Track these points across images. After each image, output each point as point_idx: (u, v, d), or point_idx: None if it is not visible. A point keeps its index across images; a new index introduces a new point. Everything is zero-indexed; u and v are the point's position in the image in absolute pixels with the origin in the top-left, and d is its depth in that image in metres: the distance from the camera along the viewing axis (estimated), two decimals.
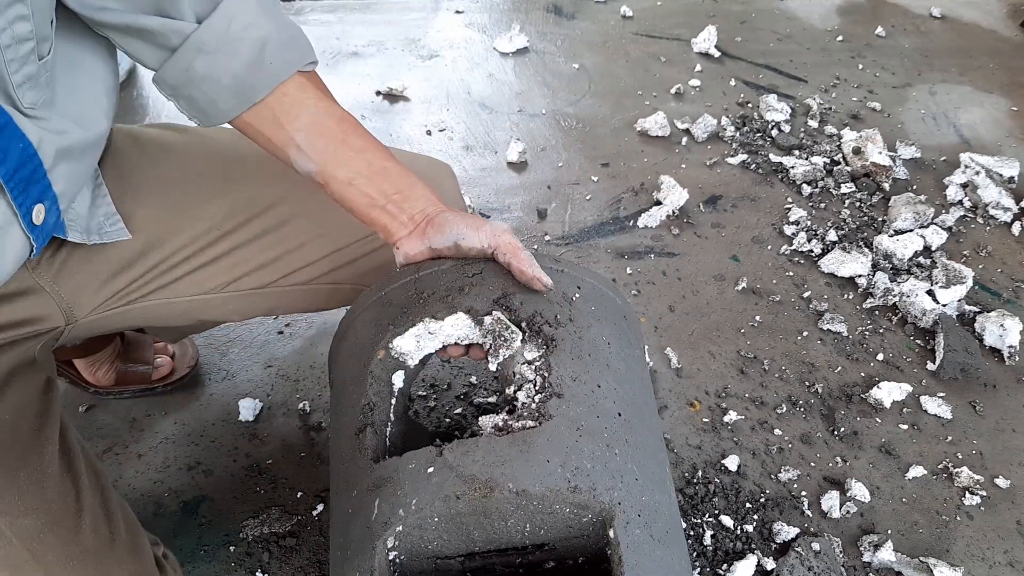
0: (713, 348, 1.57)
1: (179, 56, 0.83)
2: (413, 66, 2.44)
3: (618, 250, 1.79)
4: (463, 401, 1.42)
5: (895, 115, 2.29)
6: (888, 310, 1.66)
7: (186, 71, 0.84)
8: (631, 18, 2.75)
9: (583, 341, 0.91)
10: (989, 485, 1.34)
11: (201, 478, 1.31)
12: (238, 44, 0.83)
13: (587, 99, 2.32)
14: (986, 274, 1.76)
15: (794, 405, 1.46)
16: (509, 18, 2.71)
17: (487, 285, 0.92)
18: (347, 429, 0.90)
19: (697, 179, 2.00)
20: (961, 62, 2.56)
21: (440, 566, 0.83)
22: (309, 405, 1.41)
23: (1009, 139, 2.20)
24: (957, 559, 1.24)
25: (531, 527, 0.78)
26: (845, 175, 1.99)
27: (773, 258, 1.79)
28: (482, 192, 1.94)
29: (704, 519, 1.25)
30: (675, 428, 1.41)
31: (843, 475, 1.35)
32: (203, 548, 1.21)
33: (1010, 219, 1.90)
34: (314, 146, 0.86)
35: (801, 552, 1.19)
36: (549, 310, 0.91)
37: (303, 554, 1.20)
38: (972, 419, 1.45)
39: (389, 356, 0.98)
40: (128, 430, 1.37)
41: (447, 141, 2.12)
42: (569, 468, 0.76)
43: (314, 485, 1.29)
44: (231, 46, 0.83)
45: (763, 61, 2.52)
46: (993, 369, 1.55)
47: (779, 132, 2.16)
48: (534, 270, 0.85)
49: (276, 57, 0.85)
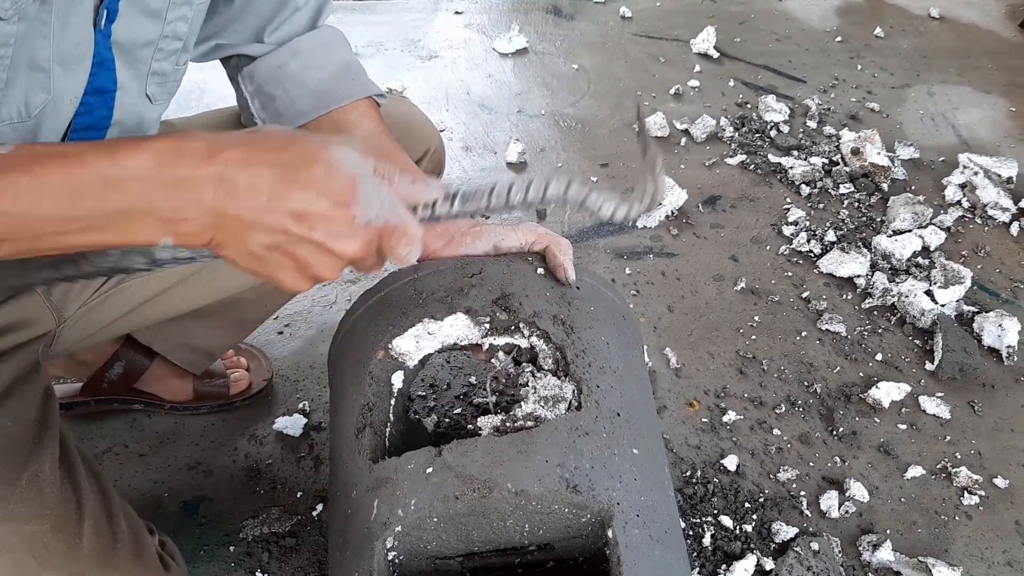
0: (712, 348, 1.57)
1: (277, 54, 0.98)
2: (412, 66, 2.44)
3: (617, 250, 1.79)
4: (463, 401, 1.42)
5: (894, 115, 2.29)
6: (887, 310, 1.66)
7: (279, 68, 0.99)
8: (630, 19, 2.75)
9: (582, 342, 0.91)
10: (988, 485, 1.34)
11: (201, 478, 1.31)
12: (330, 57, 1.00)
13: (586, 99, 2.32)
14: (984, 274, 1.76)
15: (793, 405, 1.46)
16: (508, 19, 2.71)
17: (486, 286, 0.92)
18: (346, 429, 0.90)
19: (696, 179, 2.01)
20: (960, 62, 2.56)
21: (439, 566, 0.83)
22: (309, 405, 1.42)
23: (1007, 139, 2.20)
24: (956, 559, 1.24)
25: (530, 527, 0.78)
26: (844, 175, 1.99)
27: (772, 258, 1.79)
28: None
29: (703, 519, 1.25)
30: (674, 428, 1.41)
31: (842, 475, 1.35)
32: (203, 548, 1.21)
33: (1008, 219, 1.90)
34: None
35: (800, 552, 1.19)
36: (548, 311, 0.91)
37: (303, 554, 1.20)
38: (971, 419, 1.46)
39: (388, 356, 0.98)
40: (128, 430, 1.37)
41: (447, 141, 2.12)
42: (568, 468, 0.76)
43: (314, 485, 1.30)
44: (323, 58, 1.00)
45: (762, 62, 2.52)
46: (992, 369, 1.55)
47: (778, 133, 2.17)
48: (566, 260, 0.92)
49: (358, 78, 1.02)
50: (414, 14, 2.73)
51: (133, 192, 0.58)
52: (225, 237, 0.61)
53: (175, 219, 0.59)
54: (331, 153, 0.62)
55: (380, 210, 0.63)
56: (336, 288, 1.66)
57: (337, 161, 0.62)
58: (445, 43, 2.57)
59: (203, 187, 0.59)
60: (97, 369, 1.33)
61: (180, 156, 0.59)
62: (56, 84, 0.73)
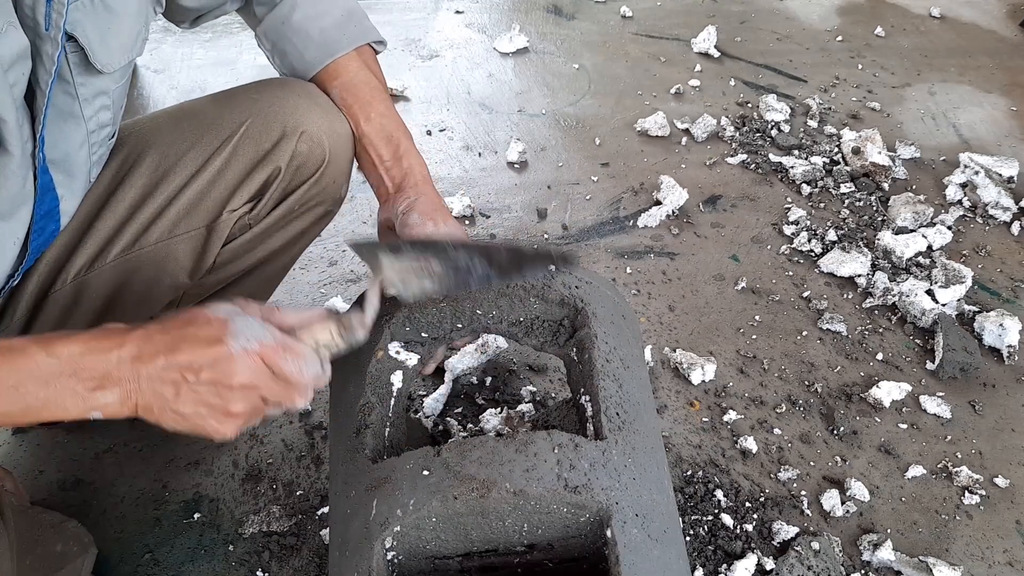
0: (713, 348, 1.57)
1: (279, 9, 1.06)
2: (413, 66, 2.44)
3: (618, 250, 1.79)
4: (463, 400, 1.42)
5: (894, 115, 2.29)
6: (887, 310, 1.66)
7: (283, 23, 1.06)
8: (631, 18, 2.75)
9: (581, 341, 0.91)
10: (988, 484, 1.34)
11: (201, 477, 1.31)
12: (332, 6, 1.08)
13: (587, 99, 2.32)
14: (985, 274, 1.76)
15: (793, 404, 1.46)
16: (509, 18, 2.71)
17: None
18: (346, 429, 0.90)
19: (697, 179, 2.01)
20: (960, 62, 2.56)
21: (438, 566, 0.83)
22: (309, 405, 1.42)
23: (1008, 139, 2.20)
24: (956, 558, 1.24)
25: (529, 527, 0.78)
26: (844, 175, 1.99)
27: (773, 258, 1.79)
28: (482, 192, 1.94)
29: (704, 518, 1.25)
30: (675, 428, 1.41)
31: (842, 474, 1.35)
32: (203, 548, 1.22)
33: (1009, 219, 1.90)
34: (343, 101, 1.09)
35: (800, 551, 1.19)
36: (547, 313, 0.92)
37: (303, 554, 1.20)
38: (971, 418, 1.46)
39: (388, 356, 0.98)
40: (128, 429, 1.37)
41: (447, 141, 2.12)
42: (566, 468, 0.76)
43: (314, 484, 1.30)
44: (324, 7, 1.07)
45: (763, 61, 2.52)
46: (992, 369, 1.55)
47: (779, 132, 2.16)
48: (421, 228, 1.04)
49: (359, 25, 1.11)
50: (414, 14, 2.73)
51: (64, 381, 0.69)
52: (145, 402, 0.71)
53: (98, 400, 0.70)
54: (205, 311, 0.73)
55: (252, 336, 0.71)
56: (336, 288, 1.66)
57: (210, 313, 0.73)
58: (446, 43, 2.57)
59: (119, 364, 0.70)
60: None
61: (102, 339, 0.71)
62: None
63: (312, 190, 1.09)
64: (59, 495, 1.28)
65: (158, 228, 1.03)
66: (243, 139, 1.03)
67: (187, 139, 1.03)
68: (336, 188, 1.12)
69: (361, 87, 1.10)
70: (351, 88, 1.09)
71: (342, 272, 1.70)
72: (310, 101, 1.06)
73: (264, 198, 1.06)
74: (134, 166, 1.02)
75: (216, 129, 1.03)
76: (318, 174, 1.07)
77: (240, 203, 1.05)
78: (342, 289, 1.66)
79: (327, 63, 1.08)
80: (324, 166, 1.07)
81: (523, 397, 1.42)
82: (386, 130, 1.11)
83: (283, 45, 1.09)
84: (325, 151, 1.06)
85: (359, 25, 1.11)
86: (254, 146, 1.03)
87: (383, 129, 1.10)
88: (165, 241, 1.04)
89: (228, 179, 1.03)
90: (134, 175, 1.02)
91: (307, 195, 1.09)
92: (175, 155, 1.03)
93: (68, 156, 0.89)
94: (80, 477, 1.31)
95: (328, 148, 1.06)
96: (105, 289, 1.03)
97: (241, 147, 1.03)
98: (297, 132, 1.03)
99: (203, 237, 1.06)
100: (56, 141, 0.86)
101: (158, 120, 1.08)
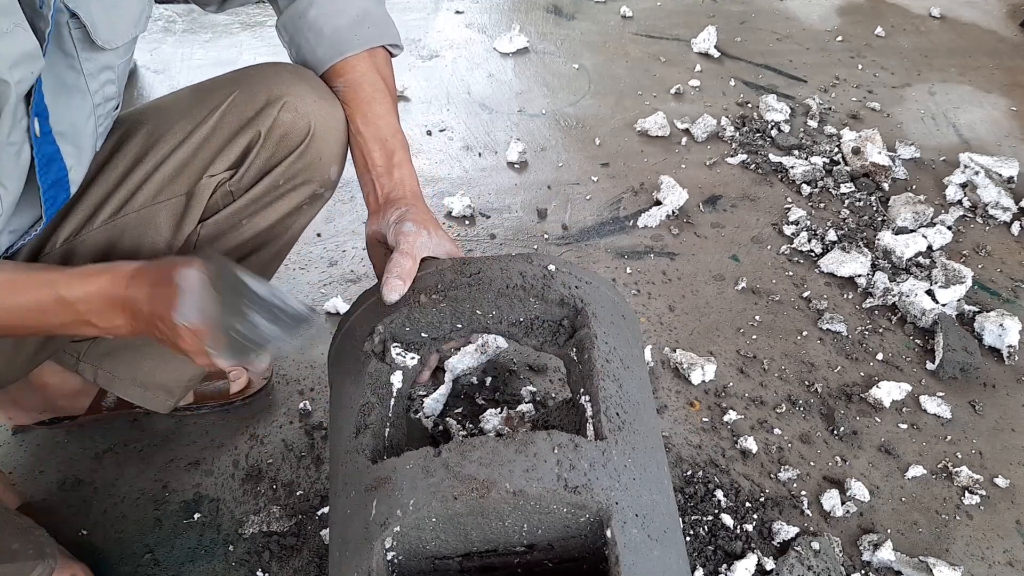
0: (713, 348, 1.57)
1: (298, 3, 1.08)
2: (413, 66, 2.44)
3: (618, 250, 1.79)
4: (463, 400, 1.42)
5: (894, 115, 2.29)
6: (888, 310, 1.66)
7: (300, 17, 1.08)
8: (631, 18, 2.75)
9: (581, 341, 0.91)
10: (988, 484, 1.34)
11: (201, 477, 1.31)
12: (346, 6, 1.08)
13: (587, 99, 2.32)
14: (985, 274, 1.76)
15: (794, 404, 1.46)
16: (509, 18, 2.71)
17: (484, 285, 0.92)
18: (346, 429, 0.90)
19: (697, 179, 2.01)
20: (960, 62, 2.56)
21: (438, 566, 0.83)
22: (309, 405, 1.42)
23: (1008, 139, 2.20)
24: (957, 558, 1.24)
25: (528, 527, 0.78)
26: (845, 175, 1.99)
27: (773, 258, 1.79)
28: (482, 192, 1.94)
29: (704, 518, 1.25)
30: (675, 428, 1.41)
31: (843, 474, 1.35)
32: (203, 548, 1.22)
33: (1009, 219, 1.90)
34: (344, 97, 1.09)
35: (801, 551, 1.19)
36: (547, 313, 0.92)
37: (303, 554, 1.20)
38: (971, 419, 1.45)
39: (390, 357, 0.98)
40: (129, 429, 1.37)
41: (447, 141, 2.12)
42: (566, 468, 0.76)
43: (314, 485, 1.30)
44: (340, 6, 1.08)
45: (763, 61, 2.52)
46: (992, 369, 1.55)
47: (779, 132, 2.16)
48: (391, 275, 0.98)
49: (374, 27, 1.10)
50: (415, 14, 2.73)
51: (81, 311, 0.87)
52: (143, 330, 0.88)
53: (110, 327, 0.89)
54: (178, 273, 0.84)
55: (193, 316, 0.82)
56: (336, 288, 1.66)
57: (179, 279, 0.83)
58: (446, 43, 2.57)
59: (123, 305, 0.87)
60: (92, 401, 1.35)
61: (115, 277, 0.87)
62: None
63: (297, 164, 1.07)
64: (59, 495, 1.28)
65: (143, 194, 1.04)
66: (230, 107, 1.04)
67: (180, 110, 1.05)
68: (324, 167, 1.09)
69: (364, 86, 1.09)
70: (354, 86, 1.09)
71: (342, 272, 1.70)
72: (298, 76, 1.07)
73: (245, 164, 1.05)
74: (129, 137, 1.04)
75: (207, 101, 1.05)
76: (302, 146, 1.06)
77: (221, 169, 1.05)
78: (342, 289, 1.66)
79: (336, 61, 1.08)
80: (308, 139, 1.06)
81: (523, 397, 1.42)
82: (381, 133, 1.10)
83: (298, 39, 1.10)
84: (309, 123, 1.05)
85: (374, 27, 1.11)
86: (239, 114, 1.03)
87: (378, 132, 1.10)
88: (148, 207, 1.04)
89: (212, 145, 1.04)
90: (128, 144, 1.04)
91: (292, 169, 1.07)
92: (166, 125, 1.05)
93: (75, 128, 0.91)
94: (80, 477, 1.31)
95: (313, 123, 1.05)
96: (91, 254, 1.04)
97: (227, 115, 1.04)
98: (280, 101, 1.03)
99: (183, 204, 1.05)
100: (63, 114, 0.88)
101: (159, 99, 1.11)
